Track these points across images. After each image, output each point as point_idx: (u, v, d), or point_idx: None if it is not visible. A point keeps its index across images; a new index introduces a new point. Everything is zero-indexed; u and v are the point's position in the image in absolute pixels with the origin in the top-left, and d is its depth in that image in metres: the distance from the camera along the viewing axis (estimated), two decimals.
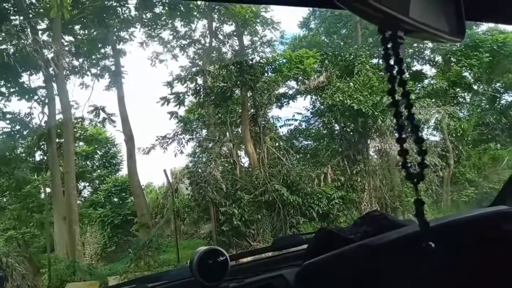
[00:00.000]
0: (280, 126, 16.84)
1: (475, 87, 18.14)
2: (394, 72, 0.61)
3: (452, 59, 17.53)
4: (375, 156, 15.66)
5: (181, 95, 15.61)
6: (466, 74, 17.50)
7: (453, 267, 0.96)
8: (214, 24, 16.75)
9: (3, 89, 15.02)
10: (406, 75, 0.58)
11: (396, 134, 0.60)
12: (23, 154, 16.11)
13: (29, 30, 13.05)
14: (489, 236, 1.01)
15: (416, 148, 0.59)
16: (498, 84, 18.21)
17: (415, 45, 17.84)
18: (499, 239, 1.06)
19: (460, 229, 1.04)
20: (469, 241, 0.98)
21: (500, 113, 17.75)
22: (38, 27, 14.28)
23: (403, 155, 0.58)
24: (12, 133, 15.43)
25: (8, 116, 15.13)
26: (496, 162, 15.77)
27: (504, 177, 14.23)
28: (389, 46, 0.60)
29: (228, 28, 16.76)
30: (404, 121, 0.59)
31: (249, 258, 1.92)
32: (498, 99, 18.49)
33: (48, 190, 15.55)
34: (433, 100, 15.21)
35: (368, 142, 14.83)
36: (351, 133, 14.74)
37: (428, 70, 18.79)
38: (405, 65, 0.61)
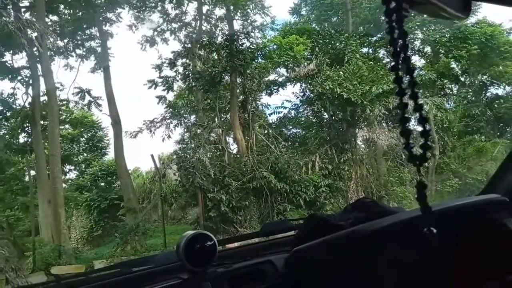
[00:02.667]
0: (269, 114, 16.82)
1: (462, 79, 18.35)
2: (398, 47, 0.58)
3: (441, 50, 17.64)
4: (363, 146, 15.79)
5: (170, 79, 15.39)
6: (454, 66, 17.66)
7: (446, 254, 0.94)
8: (205, 8, 16.47)
9: None
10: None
11: (385, 123, 0.57)
12: (7, 136, 15.75)
13: (11, 7, 12.59)
14: (482, 223, 1.01)
15: (419, 129, 0.56)
16: (485, 76, 18.45)
17: None
18: (490, 226, 1.05)
19: (455, 215, 1.03)
20: (463, 228, 0.97)
21: (485, 105, 18.04)
22: (21, 4, 13.83)
23: (406, 136, 0.55)
24: None
25: None
26: (480, 153, 16.06)
27: (487, 169, 14.54)
28: (393, 19, 0.56)
29: (219, 11, 16.52)
30: (407, 100, 0.56)
31: (237, 244, 1.90)
32: (484, 92, 18.76)
33: (32, 172, 15.31)
34: (421, 91, 15.31)
35: (356, 131, 14.92)
36: (340, 122, 14.78)
37: (417, 61, 18.91)
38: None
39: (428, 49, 18.75)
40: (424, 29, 18.62)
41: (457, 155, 16.65)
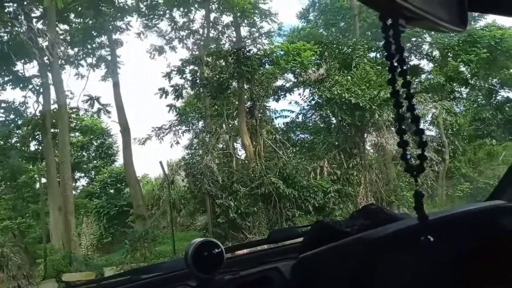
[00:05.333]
0: (276, 118, 16.84)
1: (472, 82, 18.17)
2: (395, 61, 0.60)
3: (449, 54, 17.52)
4: (372, 150, 15.70)
5: (178, 87, 15.52)
6: (463, 69, 17.51)
7: (450, 261, 0.95)
8: (212, 15, 16.63)
9: None
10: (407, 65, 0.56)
11: (394, 128, 0.59)
12: (18, 144, 16.01)
13: (23, 17, 12.86)
14: (487, 230, 1.01)
15: (416, 140, 0.57)
16: (495, 79, 18.25)
17: (413, 39, 17.81)
18: (496, 234, 1.05)
19: (458, 223, 1.04)
20: (467, 235, 0.98)
21: (496, 108, 17.83)
22: (32, 14, 14.10)
23: (403, 146, 0.56)
24: (7, 122, 15.33)
25: (3, 105, 15.01)
26: (492, 157, 15.86)
27: (499, 173, 14.33)
28: (390, 34, 0.59)
29: (226, 19, 16.66)
30: (404, 111, 0.58)
31: (245, 251, 1.91)
32: (494, 95, 18.55)
33: (43, 180, 15.50)
34: (430, 95, 15.20)
35: (365, 136, 14.85)
36: (348, 127, 14.73)
37: (426, 64, 18.82)
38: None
39: (436, 53, 18.64)
40: (432, 32, 18.54)
41: (468, 159, 16.46)
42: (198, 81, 15.00)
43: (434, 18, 0.60)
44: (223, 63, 15.02)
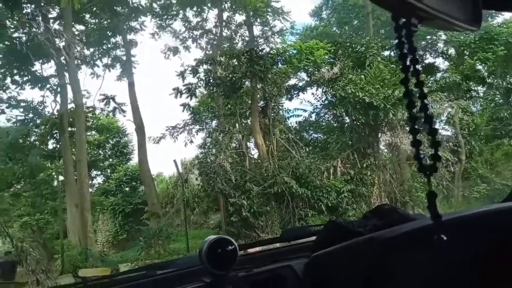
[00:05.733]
0: (289, 117, 16.80)
1: (489, 81, 17.75)
2: (407, 61, 0.60)
3: (465, 52, 17.16)
4: (386, 150, 15.51)
5: (192, 86, 15.63)
6: (480, 67, 17.12)
7: (464, 262, 0.95)
8: (225, 14, 16.68)
9: (17, 77, 15.25)
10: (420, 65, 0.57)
11: (408, 127, 0.59)
12: (37, 142, 16.39)
13: (40, 18, 13.14)
14: (503, 231, 1.00)
15: (429, 140, 0.58)
16: None
17: (428, 37, 17.51)
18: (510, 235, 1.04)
19: (473, 223, 1.03)
20: (482, 236, 0.97)
21: None
22: (49, 15, 14.39)
23: (416, 146, 0.57)
24: (26, 121, 15.70)
25: (22, 104, 15.39)
26: (509, 158, 15.49)
27: None
28: (402, 34, 0.59)
29: (239, 18, 16.70)
30: (417, 111, 0.58)
31: (258, 249, 1.93)
32: None
33: (61, 178, 15.83)
34: (446, 94, 14.93)
35: (379, 135, 14.69)
36: (362, 126, 14.59)
37: (441, 63, 18.48)
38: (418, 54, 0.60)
39: (452, 51, 18.28)
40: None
41: (485, 160, 16.11)
42: (211, 80, 15.07)
43: (448, 17, 0.60)
44: (236, 63, 15.06)
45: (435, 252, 0.92)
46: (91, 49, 16.62)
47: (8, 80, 15.09)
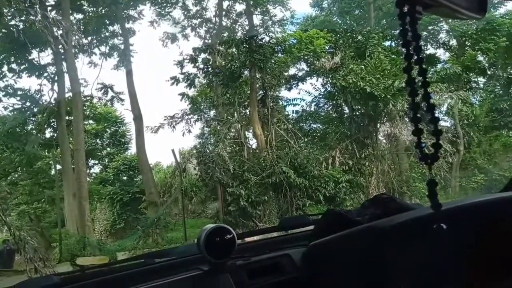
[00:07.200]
0: (287, 105, 16.76)
1: (490, 72, 17.70)
2: (411, 49, 0.59)
3: (467, 42, 17.07)
4: (384, 141, 15.54)
5: (191, 75, 15.53)
6: (480, 58, 17.05)
7: (461, 251, 0.95)
8: (225, 3, 16.51)
9: (14, 66, 15.11)
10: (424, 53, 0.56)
11: (408, 117, 0.58)
12: (34, 131, 16.33)
13: (38, 6, 12.97)
14: (499, 222, 1.00)
15: (430, 129, 0.57)
16: None
17: (430, 27, 17.39)
18: (510, 225, 1.04)
19: (471, 213, 1.03)
20: (479, 226, 0.97)
21: None
22: (47, 3, 14.21)
23: (418, 134, 0.56)
24: (23, 109, 15.61)
25: (19, 92, 15.28)
26: (508, 149, 15.54)
27: None
28: (406, 21, 0.58)
29: (239, 7, 16.52)
30: (419, 100, 0.57)
31: (256, 237, 1.94)
32: None
33: (58, 166, 15.82)
34: (446, 85, 14.90)
35: (378, 126, 14.69)
36: (361, 117, 14.59)
37: (442, 54, 18.38)
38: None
39: (453, 41, 18.18)
40: (450, 20, 18.06)
41: (483, 151, 16.17)
42: (210, 69, 14.97)
43: (453, 4, 0.59)
44: (235, 52, 14.95)
45: (433, 241, 0.92)
46: (89, 38, 16.46)
47: (5, 68, 14.98)
